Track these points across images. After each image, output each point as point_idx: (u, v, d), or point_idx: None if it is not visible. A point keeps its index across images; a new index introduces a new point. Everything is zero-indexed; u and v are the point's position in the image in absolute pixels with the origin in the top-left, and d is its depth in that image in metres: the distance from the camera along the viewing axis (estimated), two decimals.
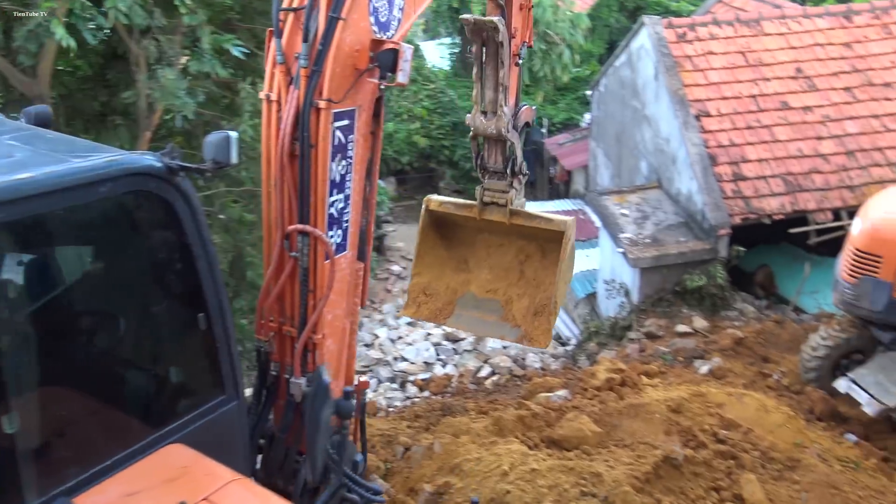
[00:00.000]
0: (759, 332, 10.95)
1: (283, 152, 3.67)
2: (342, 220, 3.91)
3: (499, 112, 5.01)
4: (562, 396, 8.60)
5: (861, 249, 8.23)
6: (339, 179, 3.79)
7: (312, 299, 3.80)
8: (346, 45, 3.57)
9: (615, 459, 6.89)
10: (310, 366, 3.93)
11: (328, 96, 3.54)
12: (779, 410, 8.26)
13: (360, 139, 3.88)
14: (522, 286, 5.38)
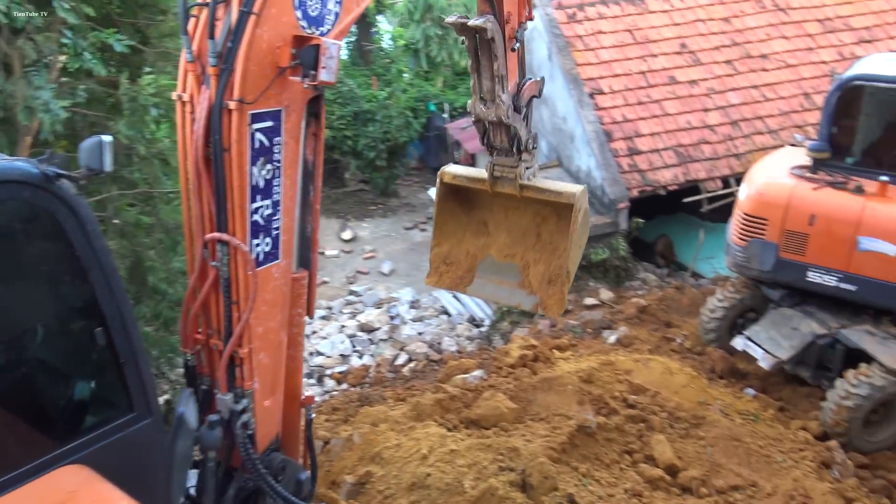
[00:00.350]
0: (661, 300, 11.42)
1: (197, 156, 3.46)
2: (270, 227, 3.69)
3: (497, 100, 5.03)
4: (478, 377, 8.73)
5: (748, 213, 8.68)
6: (263, 185, 3.57)
7: (237, 311, 3.59)
8: (264, 41, 3.34)
9: (532, 433, 7.07)
10: (238, 381, 3.74)
11: (240, 96, 3.31)
12: (683, 372, 8.65)
13: (290, 141, 3.65)
14: (539, 250, 5.43)
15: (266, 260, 3.71)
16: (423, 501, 5.51)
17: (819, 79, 13.40)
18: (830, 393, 7.99)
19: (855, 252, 8.00)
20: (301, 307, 4.16)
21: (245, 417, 3.74)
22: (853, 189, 8.03)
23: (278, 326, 3.89)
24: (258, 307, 3.68)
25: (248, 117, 3.37)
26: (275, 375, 3.97)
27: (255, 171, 3.50)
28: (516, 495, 5.34)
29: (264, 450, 3.99)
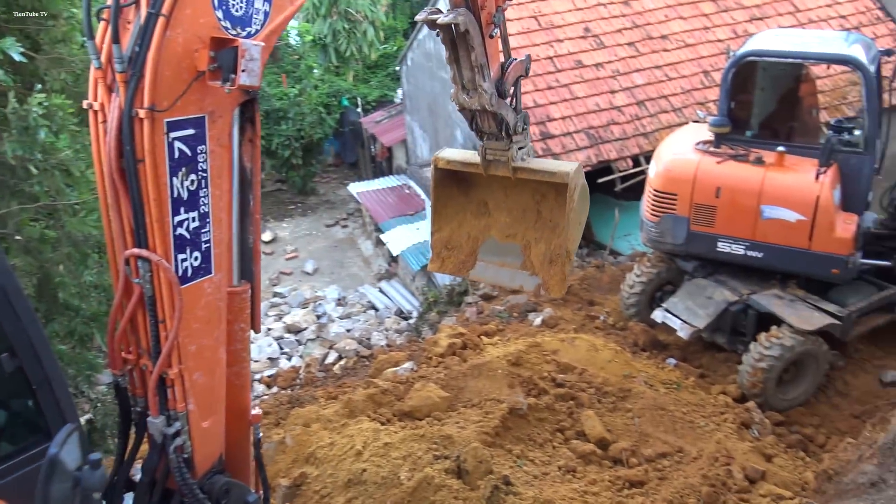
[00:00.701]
0: (582, 279, 11.69)
1: (111, 168, 3.24)
2: (198, 240, 3.48)
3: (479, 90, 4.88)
4: (408, 369, 8.75)
5: (658, 190, 8.97)
6: (187, 196, 3.35)
7: (164, 330, 3.40)
8: (179, 44, 3.12)
9: (465, 420, 7.14)
10: (171, 403, 3.54)
11: (151, 104, 3.09)
12: (607, 348, 8.89)
13: (218, 149, 3.44)
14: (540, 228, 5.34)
15: (196, 275, 3.50)
16: (360, 497, 5.50)
17: (716, 56, 13.94)
18: (746, 356, 8.36)
19: (759, 221, 8.37)
20: (244, 321, 3.93)
21: (179, 441, 3.56)
22: (754, 161, 8.40)
23: (215, 343, 3.69)
24: (189, 324, 3.50)
25: (164, 125, 3.17)
26: (213, 395, 3.76)
27: (177, 182, 3.29)
28: (452, 482, 5.38)
29: (206, 473, 3.80)
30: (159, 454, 3.62)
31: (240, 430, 4.13)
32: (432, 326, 12.20)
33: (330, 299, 16.74)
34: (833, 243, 8.19)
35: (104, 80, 3.26)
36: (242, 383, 4.08)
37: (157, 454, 3.64)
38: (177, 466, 3.56)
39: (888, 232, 9.00)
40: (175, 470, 3.57)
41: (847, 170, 8.29)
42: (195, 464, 3.71)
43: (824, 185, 7.99)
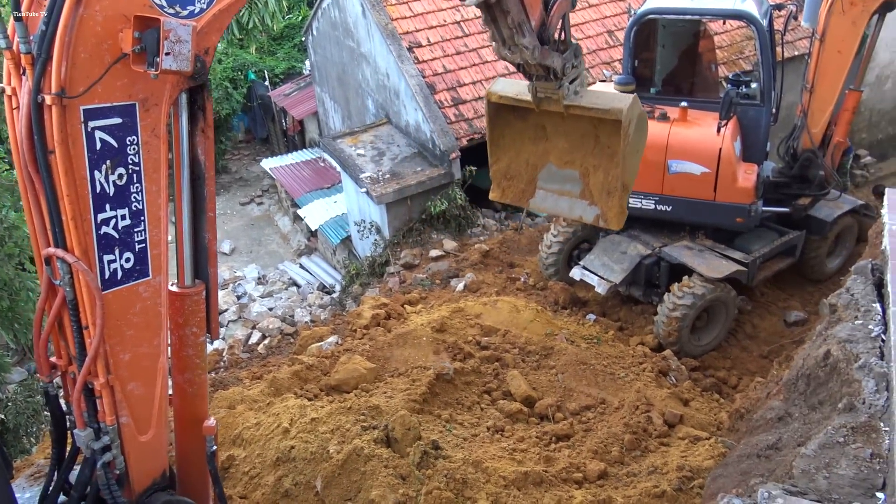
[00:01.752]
0: (502, 242, 11.83)
1: (24, 159, 2.92)
2: (130, 240, 3.16)
3: (519, 47, 4.79)
4: (333, 343, 8.69)
5: None
6: (114, 192, 3.03)
7: (89, 336, 3.13)
8: (97, 22, 2.79)
9: (392, 389, 7.16)
10: (100, 415, 3.26)
11: (60, 89, 2.75)
12: (529, 308, 9.05)
13: (153, 140, 3.10)
14: (598, 155, 5.26)
15: (128, 278, 3.20)
16: (291, 474, 5.46)
17: (619, 16, 14.16)
18: (660, 307, 8.67)
19: (666, 175, 8.63)
20: (197, 326, 3.64)
21: (108, 456, 3.32)
22: (659, 117, 8.61)
23: (154, 352, 3.39)
24: (121, 331, 3.23)
25: (81, 113, 2.85)
26: (153, 407, 3.47)
27: (99, 176, 2.97)
28: (382, 451, 5.41)
29: (145, 490, 3.57)
30: (90, 469, 3.38)
31: (194, 440, 3.89)
32: (356, 299, 12.14)
33: (249, 278, 16.41)
34: (736, 193, 8.52)
35: (14, 61, 2.92)
36: (196, 391, 3.81)
37: (88, 468, 3.40)
38: (105, 483, 3.33)
39: (786, 180, 9.43)
40: (104, 487, 3.34)
41: (746, 122, 8.61)
42: (131, 480, 3.48)
43: (725, 137, 8.28)
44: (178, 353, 3.71)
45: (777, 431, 4.58)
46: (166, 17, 2.85)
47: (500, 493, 5.17)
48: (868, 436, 3.59)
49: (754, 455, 4.50)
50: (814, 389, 4.55)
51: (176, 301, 3.57)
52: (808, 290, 10.13)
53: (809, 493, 3.33)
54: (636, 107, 5.07)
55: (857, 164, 13.63)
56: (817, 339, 4.93)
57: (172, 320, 3.59)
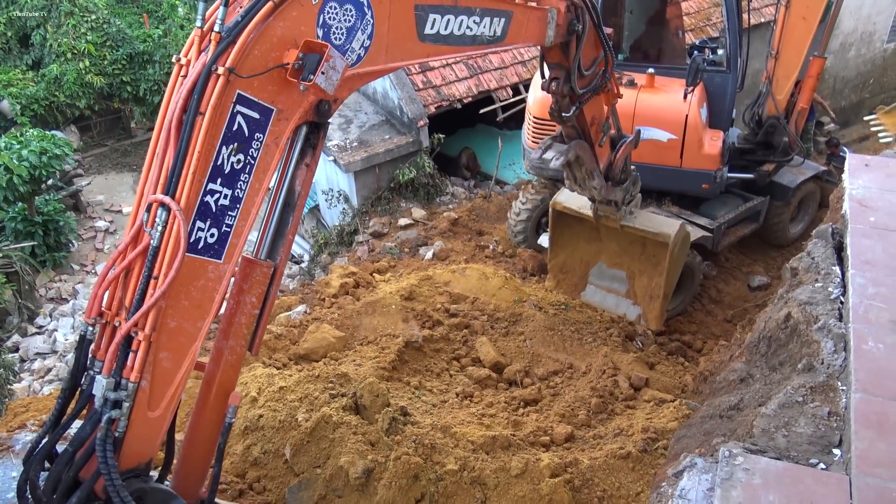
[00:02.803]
0: (470, 210, 11.82)
1: (172, 117, 3.29)
2: (221, 219, 3.43)
3: (588, 186, 5.87)
4: (301, 312, 8.64)
5: (537, 116, 9.08)
6: (228, 170, 3.38)
7: (153, 288, 3.26)
8: (276, 35, 3.34)
9: (361, 357, 7.17)
10: (126, 370, 3.30)
11: (232, 65, 3.20)
12: (497, 275, 9.06)
13: (273, 147, 3.50)
14: (644, 262, 6.40)
15: (205, 251, 3.42)
16: (259, 443, 5.46)
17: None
18: None
19: None
20: (256, 297, 3.83)
21: (116, 413, 3.30)
22: (626, 83, 8.60)
23: (194, 333, 3.47)
24: (179, 299, 3.35)
25: (235, 94, 3.28)
26: (171, 387, 3.49)
27: (225, 152, 3.33)
28: (350, 418, 5.41)
29: (126, 471, 3.48)
30: (93, 426, 3.34)
31: (217, 409, 3.94)
32: (324, 268, 12.06)
33: None
34: (702, 160, 8.59)
35: (201, 39, 3.39)
36: (234, 361, 3.92)
37: (90, 425, 3.36)
38: (102, 439, 3.28)
39: (751, 146, 9.52)
40: (99, 443, 3.28)
41: (712, 88, 8.65)
42: (123, 453, 3.44)
43: (692, 104, 8.31)
44: (231, 318, 3.86)
45: (739, 392, 4.67)
46: (331, 48, 3.44)
47: (468, 457, 5.22)
48: (826, 395, 3.68)
49: (717, 416, 4.59)
50: (775, 351, 4.65)
51: (247, 267, 3.83)
52: (771, 256, 10.31)
53: (769, 451, 3.41)
54: (682, 231, 6.27)
55: (821, 131, 13.81)
56: (779, 301, 5.02)
57: (237, 285, 3.84)
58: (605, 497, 5.02)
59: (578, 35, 5.16)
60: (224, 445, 3.96)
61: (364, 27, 3.72)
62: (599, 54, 5.50)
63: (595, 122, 5.64)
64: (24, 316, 12.53)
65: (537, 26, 4.92)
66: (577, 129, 5.54)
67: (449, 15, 4.18)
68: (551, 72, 5.47)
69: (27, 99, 16.78)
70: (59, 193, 14.86)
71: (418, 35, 4.05)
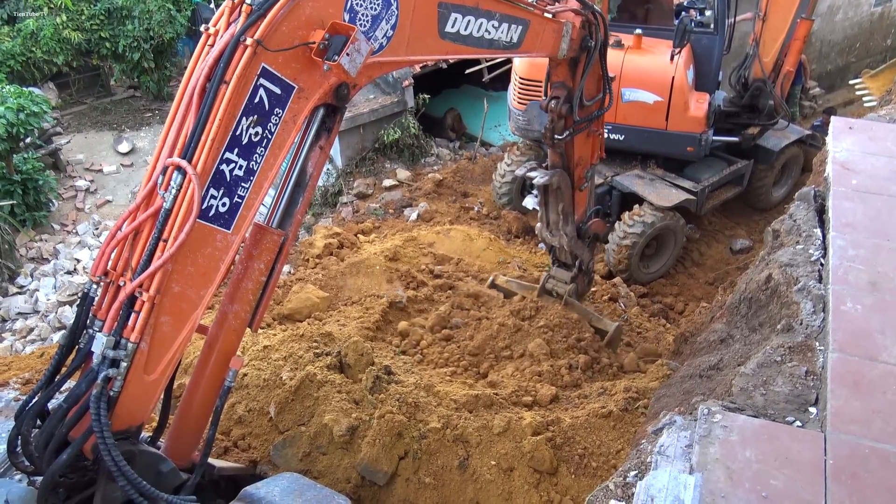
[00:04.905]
0: (455, 172, 11.77)
1: (196, 84, 3.34)
2: (234, 189, 3.46)
3: (561, 232, 5.90)
4: (285, 272, 8.63)
5: (524, 77, 9.01)
6: (245, 142, 3.42)
7: (161, 251, 3.27)
8: (304, 13, 3.43)
9: (346, 317, 7.18)
10: (128, 330, 3.31)
11: (260, 37, 3.27)
12: (482, 237, 9.09)
13: (291, 124, 3.56)
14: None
15: (215, 220, 3.43)
16: (244, 401, 5.48)
17: None
18: (611, 236, 8.78)
19: (620, 104, 8.62)
20: (264, 263, 3.86)
21: (113, 372, 3.31)
22: (613, 44, 8.53)
23: (196, 301, 3.48)
24: (185, 265, 3.37)
25: (259, 67, 3.34)
26: (169, 352, 3.50)
27: (244, 122, 3.39)
28: (335, 377, 5.44)
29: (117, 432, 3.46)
30: (89, 383, 3.34)
31: (217, 372, 3.96)
32: (308, 229, 12.01)
33: None
34: (687, 122, 8.58)
35: (231, 10, 3.48)
36: (237, 326, 3.93)
37: (86, 383, 3.36)
38: (97, 396, 3.28)
39: (736, 109, 9.51)
40: (93, 400, 3.28)
41: (699, 50, 8.61)
42: (115, 414, 3.45)
43: (678, 66, 8.27)
44: (239, 283, 3.89)
45: (719, 353, 4.74)
46: (358, 31, 3.49)
47: (451, 415, 5.27)
48: (804, 355, 3.74)
49: (697, 375, 4.66)
50: (755, 312, 4.70)
51: (258, 233, 3.86)
52: (754, 219, 10.38)
53: (747, 409, 3.47)
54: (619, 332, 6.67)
55: (806, 95, 13.80)
56: (760, 263, 5.07)
57: (246, 251, 3.89)
58: (587, 454, 5.10)
59: (590, 51, 5.30)
60: (221, 409, 3.96)
61: (388, 17, 3.82)
62: (600, 94, 5.71)
63: (581, 163, 5.87)
64: (4, 276, 12.41)
65: (552, 38, 5.06)
66: (564, 161, 5.68)
67: (470, 16, 4.28)
68: (553, 90, 5.59)
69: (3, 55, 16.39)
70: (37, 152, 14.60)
71: (439, 32, 4.14)
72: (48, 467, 3.44)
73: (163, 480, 3.73)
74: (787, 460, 3.12)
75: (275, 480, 4.42)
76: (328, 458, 5.16)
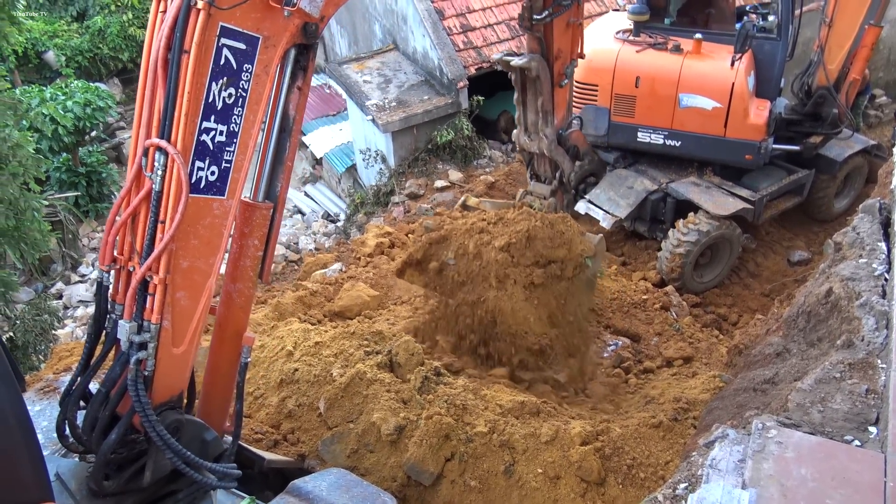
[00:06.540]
0: (507, 174, 11.75)
1: (157, 57, 3.20)
2: (220, 156, 3.40)
3: (540, 134, 5.46)
4: (337, 270, 8.74)
5: (580, 81, 8.94)
6: (221, 107, 3.32)
7: (162, 232, 3.29)
8: None
9: (395, 316, 7.24)
10: (147, 313, 3.40)
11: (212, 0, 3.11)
12: None
13: (263, 76, 3.43)
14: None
15: (208, 189, 3.41)
16: (294, 395, 5.57)
17: None
18: (665, 243, 8.66)
19: (677, 109, 8.49)
20: (259, 239, 3.87)
21: (143, 354, 3.43)
22: (672, 49, 8.42)
23: (207, 270, 3.52)
24: (188, 239, 3.40)
25: (218, 28, 3.18)
26: (192, 322, 3.57)
27: (215, 88, 3.27)
28: (384, 375, 5.49)
29: (160, 405, 3.65)
30: (122, 366, 3.48)
31: (232, 350, 4.04)
32: (360, 228, 12.14)
33: None
34: (747, 130, 8.40)
35: None
36: (243, 303, 3.98)
37: (119, 366, 3.50)
38: (133, 379, 3.40)
39: (798, 117, 9.28)
40: (131, 383, 3.40)
41: (761, 56, 8.42)
42: (154, 389, 3.57)
43: (739, 71, 8.11)
44: (236, 261, 3.91)
45: (774, 366, 4.63)
46: None
47: (497, 420, 5.27)
48: (865, 372, 3.63)
49: (751, 389, 4.56)
50: (813, 326, 4.59)
51: (246, 211, 3.85)
52: (813, 231, 10.11)
53: (803, 426, 3.39)
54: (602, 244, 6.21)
55: (872, 103, 13.38)
56: (820, 276, 4.94)
57: (238, 229, 3.86)
58: (635, 465, 5.04)
59: None
60: (243, 384, 4.05)
61: None
62: None
63: (560, 57, 5.42)
64: (67, 264, 12.85)
65: None
66: (543, 48, 5.30)
67: None
68: None
69: (72, 51, 16.98)
70: (101, 145, 15.09)
71: None
72: (99, 446, 3.61)
73: (206, 449, 3.87)
74: (844, 480, 3.03)
75: (322, 475, 4.50)
76: (375, 456, 5.21)
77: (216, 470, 3.71)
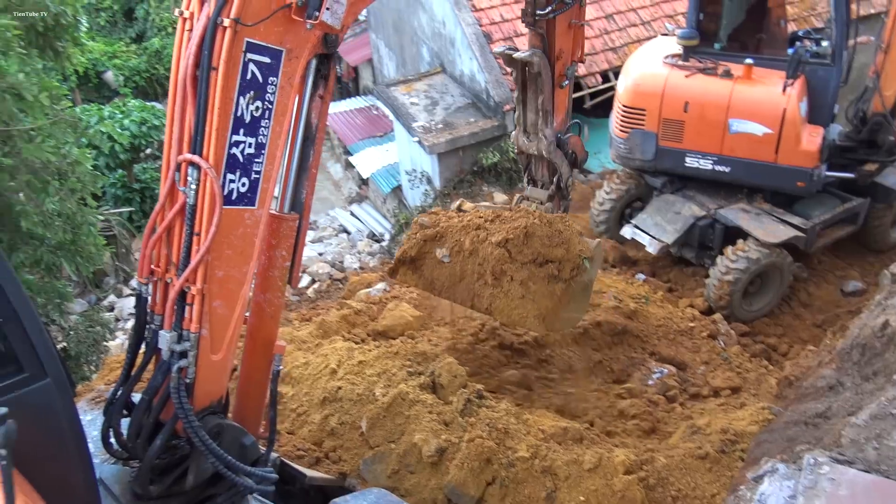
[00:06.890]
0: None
1: (186, 74, 3.33)
2: (249, 168, 3.53)
3: (539, 135, 5.31)
4: (381, 289, 8.79)
5: (627, 105, 8.91)
6: (249, 120, 3.44)
7: (198, 244, 3.40)
8: None
9: (438, 337, 7.24)
10: (186, 322, 3.49)
11: (237, 16, 3.21)
12: None
13: (288, 87, 3.55)
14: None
15: (239, 200, 3.53)
16: (337, 414, 5.60)
17: None
18: (713, 270, 8.53)
19: (727, 135, 8.40)
20: (286, 250, 3.97)
21: (184, 362, 3.52)
22: (722, 74, 8.35)
23: (242, 278, 3.62)
24: (222, 249, 3.50)
25: (244, 44, 3.29)
26: (228, 330, 3.67)
27: (243, 102, 3.38)
28: (427, 397, 5.48)
29: (201, 410, 3.73)
30: (164, 375, 3.58)
31: (262, 359, 4.12)
32: None
33: None
34: (799, 156, 8.26)
35: None
36: (273, 313, 4.06)
37: (161, 374, 3.60)
38: (176, 387, 3.51)
39: (853, 144, 9.08)
40: (173, 391, 3.51)
41: (814, 81, 8.29)
42: (195, 396, 3.66)
43: (791, 97, 7.99)
44: (265, 272, 3.99)
45: (827, 400, 4.51)
46: None
47: (539, 445, 5.22)
48: None
49: (802, 422, 4.44)
50: (868, 360, 4.46)
51: (273, 223, 3.92)
52: (868, 260, 9.84)
53: (857, 463, 3.29)
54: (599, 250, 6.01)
55: None
56: (876, 308, 4.80)
57: (266, 241, 3.91)
58: (680, 497, 4.94)
59: None
60: (275, 391, 4.14)
61: None
62: None
63: (561, 57, 5.35)
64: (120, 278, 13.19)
65: None
66: (544, 45, 5.24)
67: None
68: None
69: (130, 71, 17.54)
70: (155, 162, 15.50)
71: None
72: (144, 453, 3.71)
73: (245, 453, 3.92)
74: None
75: (363, 495, 4.51)
76: (416, 478, 5.19)
77: (254, 474, 3.78)
